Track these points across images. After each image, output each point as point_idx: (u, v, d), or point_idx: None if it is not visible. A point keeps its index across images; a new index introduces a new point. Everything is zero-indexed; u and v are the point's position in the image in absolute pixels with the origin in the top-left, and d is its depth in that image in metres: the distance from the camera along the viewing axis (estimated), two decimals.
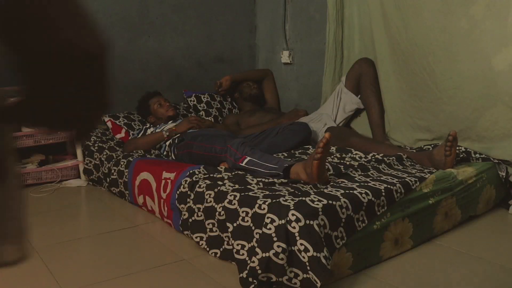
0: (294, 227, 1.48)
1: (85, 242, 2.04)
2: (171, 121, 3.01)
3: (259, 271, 1.48)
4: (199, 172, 2.05)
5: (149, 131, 2.96)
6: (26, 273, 1.71)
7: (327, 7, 3.07)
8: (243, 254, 1.59)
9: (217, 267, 1.73)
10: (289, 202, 1.56)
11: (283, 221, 1.50)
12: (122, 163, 2.57)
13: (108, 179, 2.67)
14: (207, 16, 3.79)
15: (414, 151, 2.42)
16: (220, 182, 1.88)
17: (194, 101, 3.52)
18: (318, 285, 1.42)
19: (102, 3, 3.33)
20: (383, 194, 1.74)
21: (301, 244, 1.46)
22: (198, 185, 1.92)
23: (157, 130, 2.90)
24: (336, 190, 1.70)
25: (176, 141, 2.73)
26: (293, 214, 1.50)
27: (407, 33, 2.53)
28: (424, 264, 1.75)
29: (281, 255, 1.46)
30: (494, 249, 1.85)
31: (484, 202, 2.19)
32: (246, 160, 2.10)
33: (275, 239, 1.48)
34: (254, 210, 1.61)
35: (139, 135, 2.96)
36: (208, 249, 1.82)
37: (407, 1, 2.49)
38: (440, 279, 1.63)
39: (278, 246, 1.47)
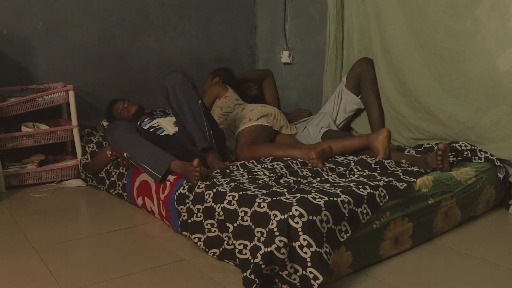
0: (297, 222, 1.49)
1: (85, 242, 2.04)
2: (155, 116, 2.98)
3: (263, 266, 1.49)
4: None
5: None
6: (26, 273, 1.71)
7: (327, 7, 3.07)
8: (245, 254, 1.60)
9: (217, 267, 1.73)
10: (291, 200, 1.58)
11: (285, 216, 1.51)
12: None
13: (107, 182, 2.66)
14: (207, 16, 3.79)
15: (413, 152, 2.41)
16: (217, 181, 1.90)
17: None
18: (320, 280, 1.43)
19: (102, 3, 3.33)
20: (382, 185, 1.77)
21: (304, 240, 1.47)
22: (197, 186, 1.92)
23: (147, 125, 2.87)
24: (334, 189, 1.72)
25: None
26: (296, 210, 1.51)
27: (410, 34, 2.53)
28: (424, 264, 1.75)
29: (283, 250, 1.48)
30: (494, 249, 1.85)
31: (484, 202, 2.19)
32: (126, 155, 2.27)
33: (277, 233, 1.49)
34: (253, 209, 1.61)
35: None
36: (207, 249, 1.82)
37: (412, 4, 2.50)
38: (440, 279, 1.63)
39: (280, 241, 1.48)
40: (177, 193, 2.01)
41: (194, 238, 1.87)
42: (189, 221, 1.90)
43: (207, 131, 2.29)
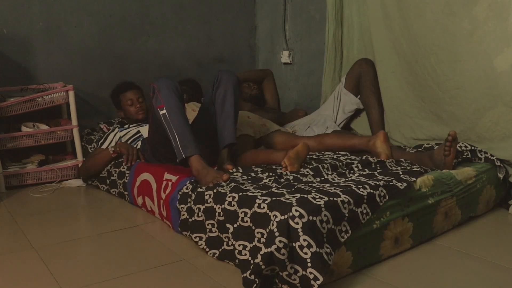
0: (297, 223, 1.49)
1: (85, 242, 2.04)
2: (142, 124, 2.83)
3: (263, 266, 1.49)
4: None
5: (111, 135, 2.79)
6: (26, 273, 1.71)
7: (326, 7, 3.07)
8: (245, 255, 1.60)
9: (217, 267, 1.73)
10: (291, 200, 1.58)
11: (285, 217, 1.51)
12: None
13: (108, 181, 2.67)
14: (207, 16, 3.79)
15: (414, 151, 2.42)
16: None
17: None
18: (320, 280, 1.43)
19: (102, 3, 3.33)
20: (382, 185, 1.77)
21: (304, 240, 1.47)
22: (199, 186, 1.93)
23: (123, 133, 2.76)
24: (334, 188, 1.72)
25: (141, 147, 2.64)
26: (296, 210, 1.51)
27: (409, 33, 2.52)
28: (424, 264, 1.75)
29: (283, 250, 1.48)
30: (494, 249, 1.85)
31: (484, 202, 2.19)
32: (162, 112, 2.11)
33: (277, 234, 1.49)
34: (253, 209, 1.61)
35: (100, 145, 2.80)
36: (207, 249, 1.82)
37: (410, 2, 2.49)
38: (440, 279, 1.63)
39: (280, 241, 1.48)
40: (180, 193, 2.01)
41: (195, 237, 1.87)
42: (190, 220, 1.90)
43: (235, 129, 2.29)
